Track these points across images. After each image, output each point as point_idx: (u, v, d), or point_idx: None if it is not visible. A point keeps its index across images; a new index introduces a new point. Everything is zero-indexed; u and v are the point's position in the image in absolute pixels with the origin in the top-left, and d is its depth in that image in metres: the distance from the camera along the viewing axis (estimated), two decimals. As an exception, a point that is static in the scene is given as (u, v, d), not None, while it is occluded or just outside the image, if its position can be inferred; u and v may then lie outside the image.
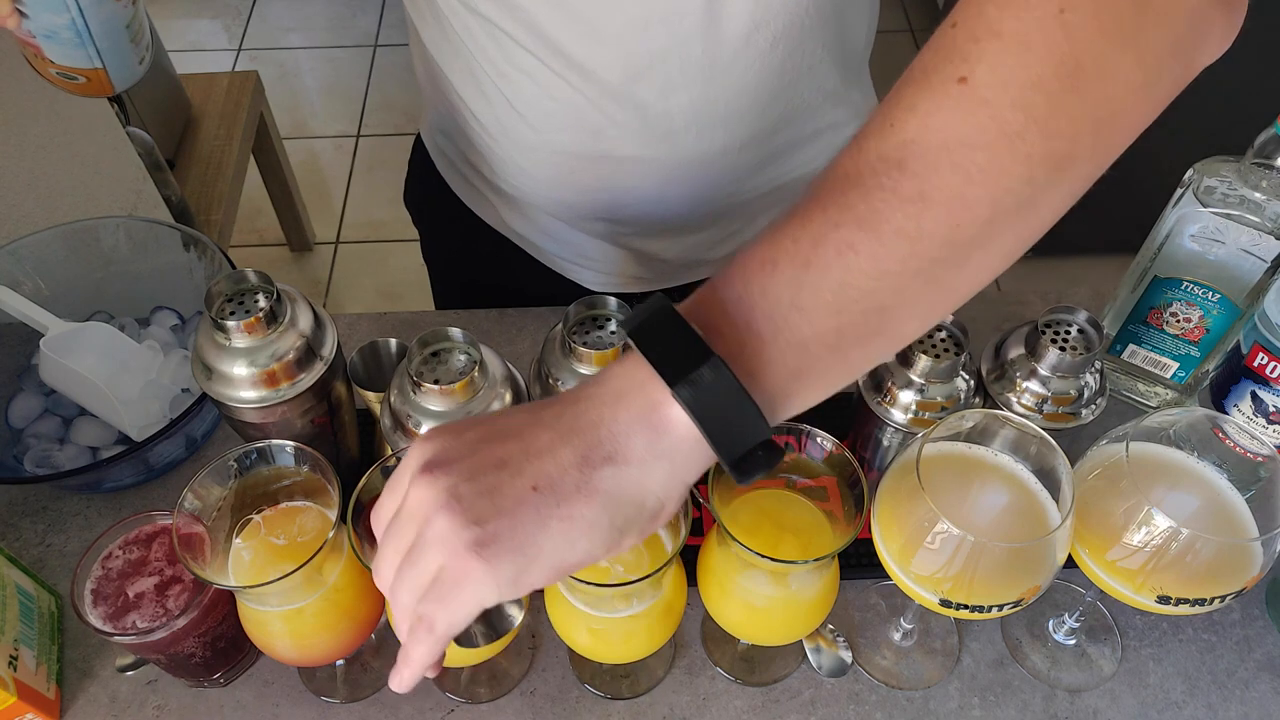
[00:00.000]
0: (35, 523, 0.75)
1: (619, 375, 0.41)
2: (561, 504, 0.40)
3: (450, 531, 0.40)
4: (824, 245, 0.40)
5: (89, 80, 0.63)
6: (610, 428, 0.40)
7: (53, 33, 0.58)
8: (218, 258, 0.80)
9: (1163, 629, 0.69)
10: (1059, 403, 0.64)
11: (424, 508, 0.41)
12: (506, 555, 0.40)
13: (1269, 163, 0.64)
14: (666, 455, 0.41)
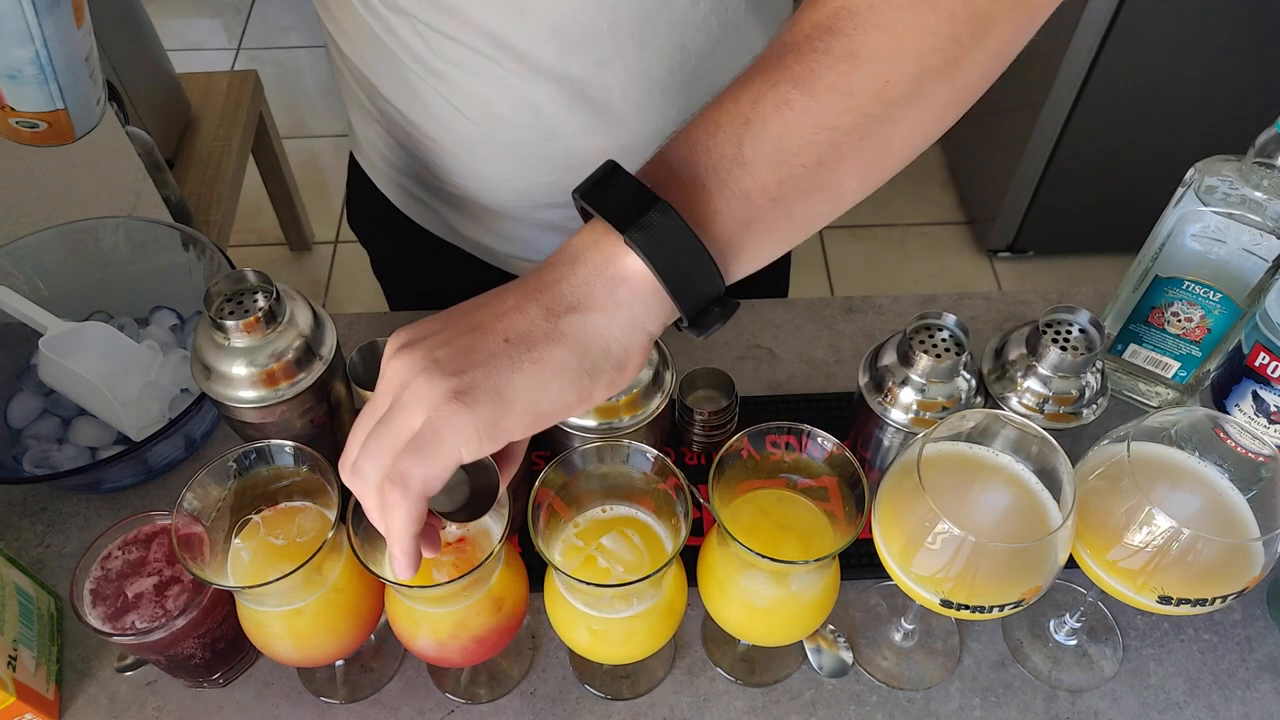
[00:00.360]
0: (34, 523, 0.75)
1: (576, 239, 0.44)
2: (532, 349, 0.42)
3: (428, 387, 0.42)
4: (762, 103, 0.44)
5: (50, 125, 0.61)
6: (571, 281, 0.43)
7: (16, 71, 0.56)
8: (217, 257, 0.79)
9: (1164, 629, 0.69)
10: (1060, 402, 0.64)
11: (400, 375, 0.43)
12: (484, 399, 0.42)
13: (1270, 162, 0.64)
14: (626, 302, 0.43)
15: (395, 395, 0.43)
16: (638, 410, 0.61)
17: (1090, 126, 1.78)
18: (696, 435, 0.76)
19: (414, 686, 0.67)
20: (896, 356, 0.65)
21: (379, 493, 0.44)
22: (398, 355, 0.44)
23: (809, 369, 0.84)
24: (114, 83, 1.48)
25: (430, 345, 0.43)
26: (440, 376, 0.42)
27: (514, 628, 0.59)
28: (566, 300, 0.43)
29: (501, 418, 0.42)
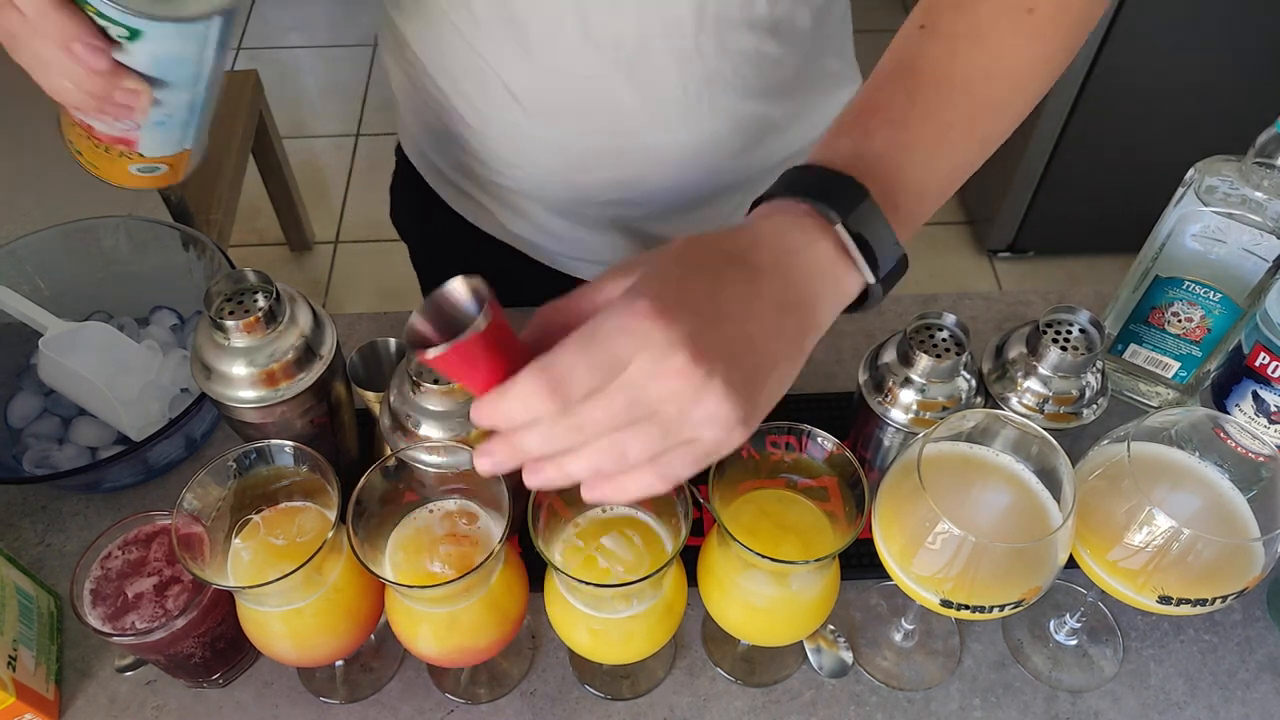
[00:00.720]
0: (34, 523, 0.75)
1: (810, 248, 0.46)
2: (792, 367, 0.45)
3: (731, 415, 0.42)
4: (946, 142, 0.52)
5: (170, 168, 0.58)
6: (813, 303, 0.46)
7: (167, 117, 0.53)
8: (217, 257, 0.79)
9: (1164, 629, 0.69)
10: (1060, 403, 0.64)
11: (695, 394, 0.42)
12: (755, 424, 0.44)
13: (1270, 162, 0.64)
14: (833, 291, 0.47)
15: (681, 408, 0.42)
16: (638, 410, 0.61)
17: (1090, 126, 1.78)
18: (696, 435, 0.76)
19: (414, 686, 0.67)
20: (896, 356, 0.64)
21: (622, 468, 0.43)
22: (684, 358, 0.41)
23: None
24: (114, 83, 1.48)
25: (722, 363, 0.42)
26: (739, 406, 0.42)
27: (514, 628, 0.59)
28: (812, 320, 0.46)
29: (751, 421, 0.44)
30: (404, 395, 0.60)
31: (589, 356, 0.41)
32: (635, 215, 0.81)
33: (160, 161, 0.57)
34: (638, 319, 0.41)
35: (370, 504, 0.55)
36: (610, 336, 0.41)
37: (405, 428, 0.60)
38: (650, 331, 0.41)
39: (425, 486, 0.59)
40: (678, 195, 0.78)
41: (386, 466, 0.55)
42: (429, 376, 0.59)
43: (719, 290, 0.44)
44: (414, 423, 0.59)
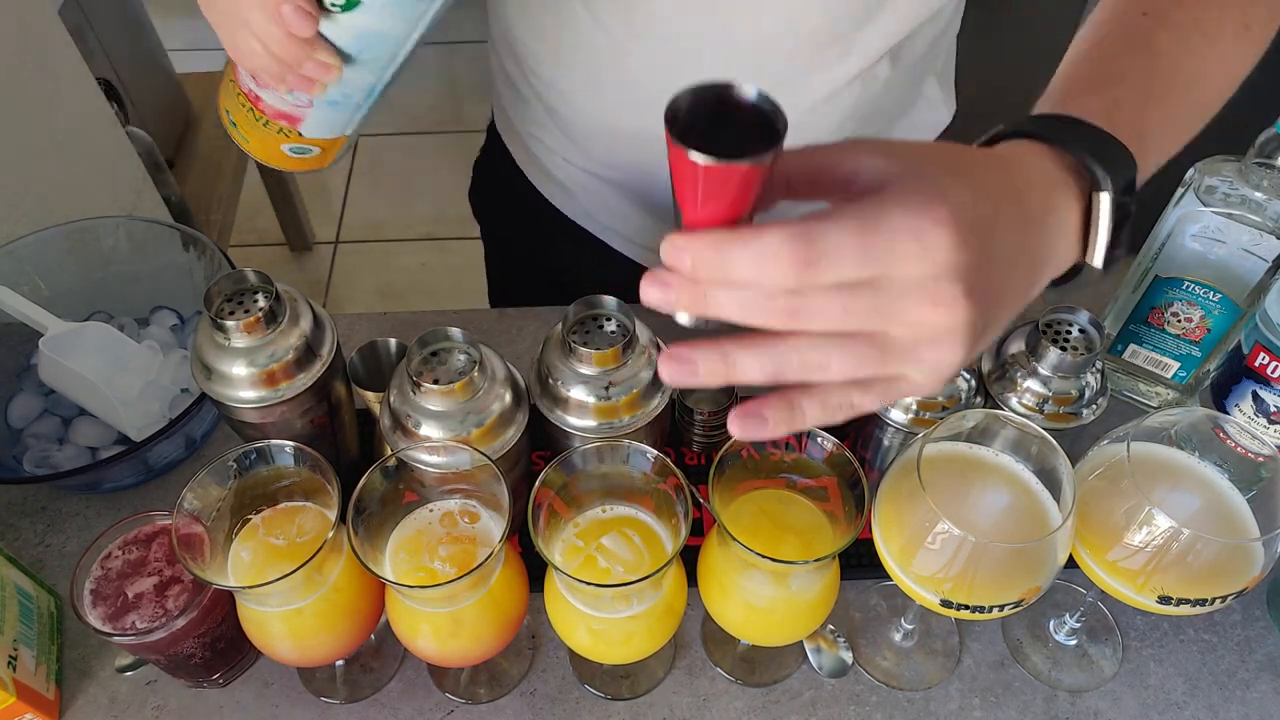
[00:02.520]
0: (35, 523, 0.75)
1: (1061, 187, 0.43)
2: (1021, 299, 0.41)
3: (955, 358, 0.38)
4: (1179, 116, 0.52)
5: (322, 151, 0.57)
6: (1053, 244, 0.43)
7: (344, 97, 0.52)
8: (217, 257, 0.79)
9: (1164, 629, 0.69)
10: (1060, 403, 0.64)
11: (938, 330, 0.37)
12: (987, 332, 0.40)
13: (1270, 162, 0.64)
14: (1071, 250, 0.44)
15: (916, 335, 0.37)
16: (638, 410, 0.61)
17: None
18: (696, 435, 0.76)
19: (414, 686, 0.67)
20: None
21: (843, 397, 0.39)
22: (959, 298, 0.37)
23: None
24: (114, 83, 1.48)
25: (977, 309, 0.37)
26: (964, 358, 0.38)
27: (514, 628, 0.59)
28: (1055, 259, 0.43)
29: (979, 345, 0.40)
30: (404, 395, 0.60)
31: (865, 241, 0.35)
32: None
33: (316, 144, 0.56)
34: (934, 225, 0.36)
35: (370, 504, 0.55)
36: (896, 232, 0.36)
37: (405, 428, 0.60)
38: (941, 246, 0.36)
39: (425, 486, 0.59)
40: None
41: (386, 466, 0.55)
42: (429, 376, 0.59)
43: (997, 230, 0.39)
44: (414, 423, 0.59)
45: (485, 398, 0.60)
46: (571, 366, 0.60)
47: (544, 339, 0.64)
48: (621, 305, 0.62)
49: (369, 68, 0.51)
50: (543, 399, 0.62)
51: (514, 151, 0.90)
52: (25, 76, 1.08)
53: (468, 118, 2.57)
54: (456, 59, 2.73)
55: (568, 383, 0.61)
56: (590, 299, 0.62)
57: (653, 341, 0.63)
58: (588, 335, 0.62)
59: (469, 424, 0.59)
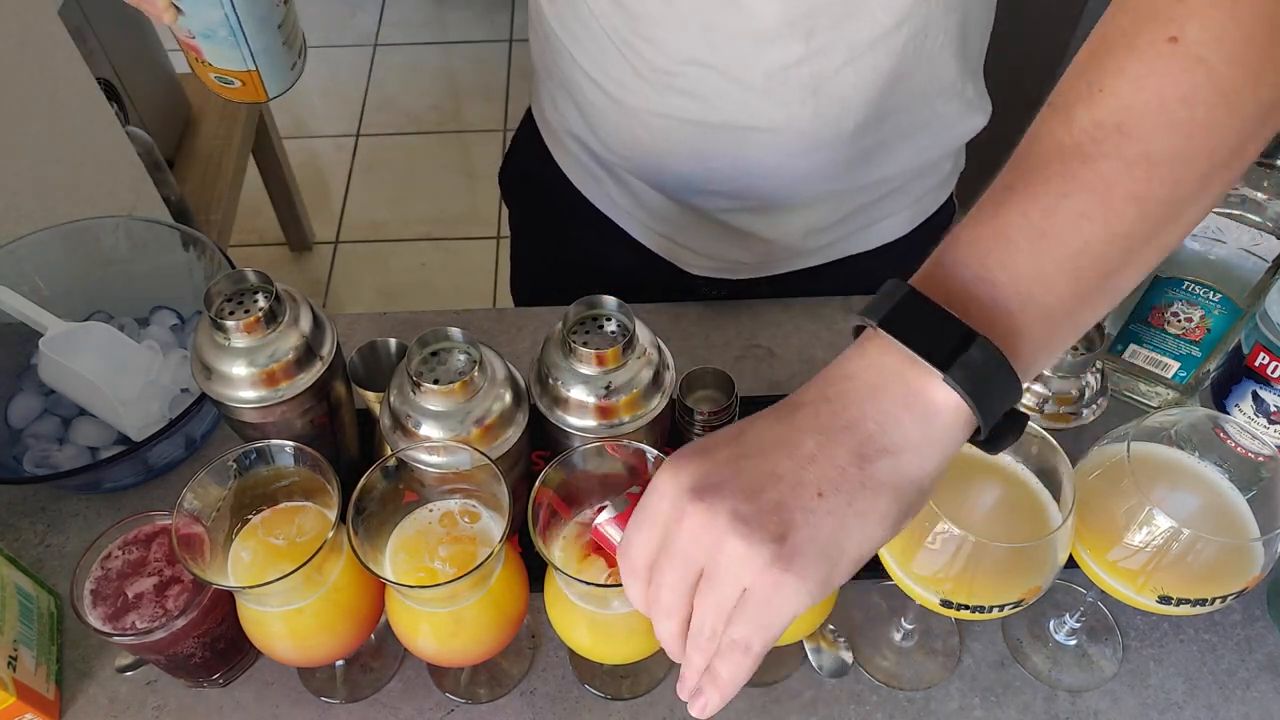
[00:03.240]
0: (35, 523, 0.75)
1: (868, 368, 0.42)
2: (853, 503, 0.40)
3: (749, 552, 0.39)
4: (1056, 215, 0.42)
5: (244, 84, 0.63)
6: (877, 420, 0.41)
7: (210, 31, 0.58)
8: (217, 257, 0.79)
9: (1164, 629, 0.69)
10: (1060, 402, 0.64)
11: (709, 535, 0.40)
12: (813, 564, 0.40)
13: (1270, 162, 0.64)
14: (939, 439, 0.41)
15: (709, 557, 0.41)
16: (638, 410, 0.61)
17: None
18: (696, 435, 0.76)
19: (414, 686, 0.67)
20: None
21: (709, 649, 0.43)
22: (696, 504, 0.41)
23: (809, 369, 0.84)
24: (114, 83, 1.48)
25: (733, 497, 0.40)
26: (760, 541, 0.39)
27: (514, 628, 0.59)
28: (876, 443, 0.40)
29: (831, 575, 0.40)
30: (404, 395, 0.60)
31: (635, 521, 0.43)
32: (720, 207, 0.82)
33: (230, 75, 0.62)
34: (659, 476, 0.42)
35: (370, 504, 0.55)
36: (645, 500, 0.43)
37: (405, 428, 0.60)
38: (665, 482, 0.42)
39: (425, 486, 0.59)
40: (764, 196, 0.79)
41: (386, 466, 0.55)
42: (429, 376, 0.59)
43: (745, 431, 0.43)
44: (414, 423, 0.59)
45: (485, 398, 0.60)
46: (571, 366, 0.60)
47: (544, 339, 0.64)
48: (622, 305, 0.62)
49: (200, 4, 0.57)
50: (543, 399, 0.62)
51: (544, 135, 0.90)
52: (25, 76, 1.08)
53: (468, 118, 2.57)
54: (456, 59, 2.73)
55: (568, 383, 0.61)
56: (590, 299, 0.62)
57: (653, 342, 0.63)
58: (588, 335, 0.62)
59: (469, 424, 0.59)
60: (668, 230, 0.87)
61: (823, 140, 0.72)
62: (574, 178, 0.89)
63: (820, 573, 0.40)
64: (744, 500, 0.40)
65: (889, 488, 0.40)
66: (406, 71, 2.65)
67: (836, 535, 0.40)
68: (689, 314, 0.88)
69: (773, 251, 0.86)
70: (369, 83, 2.62)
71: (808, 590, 0.40)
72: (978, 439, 0.43)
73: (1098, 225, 0.41)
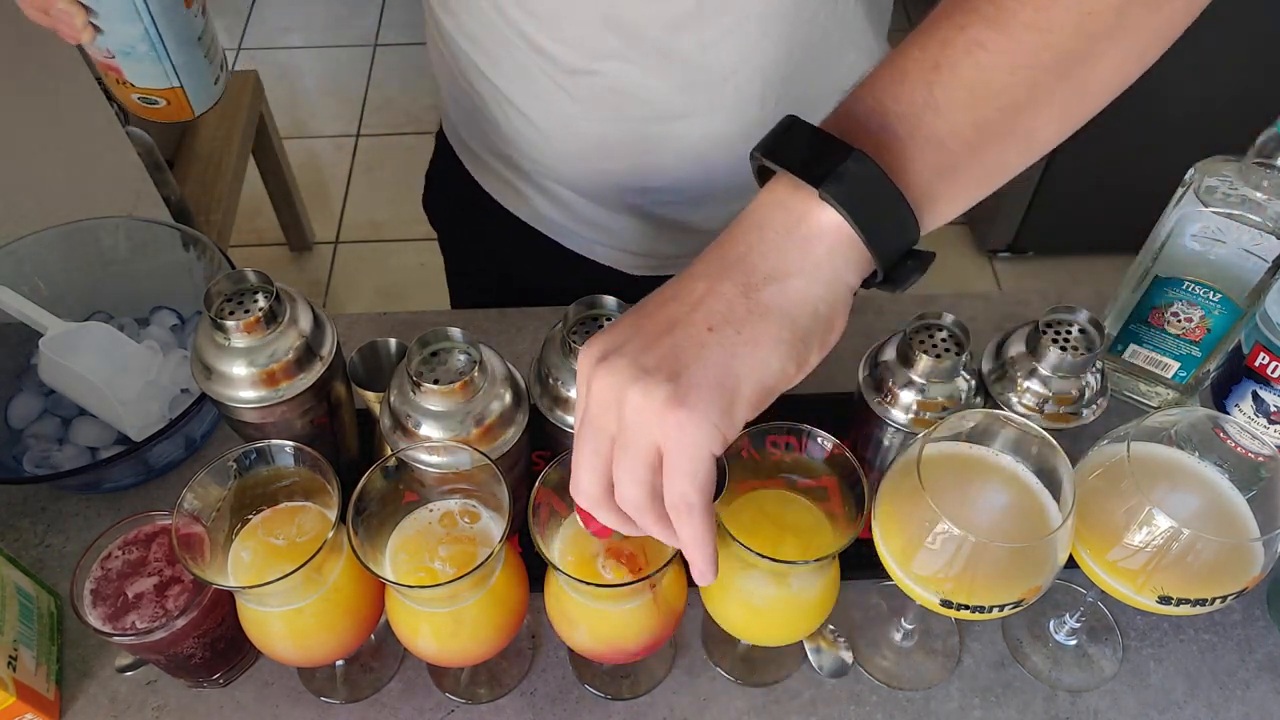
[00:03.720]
0: (35, 523, 0.75)
1: (755, 206, 0.42)
2: (741, 330, 0.40)
3: (647, 398, 0.40)
4: (951, 46, 0.41)
5: (169, 102, 0.62)
6: (760, 250, 0.41)
7: (129, 48, 0.58)
8: (217, 257, 0.79)
9: (1164, 629, 0.69)
10: (1060, 402, 0.64)
11: (611, 393, 0.41)
12: (709, 395, 0.40)
13: (1269, 162, 0.64)
14: (824, 260, 0.41)
15: (617, 416, 0.41)
16: (638, 410, 0.61)
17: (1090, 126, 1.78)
18: (696, 435, 0.76)
19: (414, 686, 0.67)
20: (896, 356, 0.65)
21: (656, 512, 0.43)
22: (599, 369, 0.42)
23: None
24: (114, 83, 1.48)
25: (632, 352, 0.41)
26: (655, 384, 0.40)
27: (514, 628, 0.59)
28: (760, 271, 0.41)
29: (732, 406, 0.41)
30: (404, 395, 0.60)
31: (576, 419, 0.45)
32: (657, 202, 0.81)
33: (153, 94, 0.61)
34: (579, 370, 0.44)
35: (370, 504, 0.55)
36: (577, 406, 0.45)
37: (405, 428, 0.60)
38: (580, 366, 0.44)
39: (425, 486, 0.59)
40: (700, 185, 0.78)
41: (386, 466, 0.55)
42: (429, 376, 0.59)
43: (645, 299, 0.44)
44: (414, 423, 0.59)
45: (485, 398, 0.60)
46: (571, 366, 0.60)
47: (544, 339, 0.64)
48: (621, 305, 0.62)
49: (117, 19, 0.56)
50: (543, 399, 0.62)
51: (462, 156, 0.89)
52: (25, 76, 1.08)
53: (468, 118, 2.57)
54: (456, 59, 2.73)
55: (568, 383, 0.61)
56: (591, 299, 0.62)
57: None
58: (588, 335, 0.62)
59: (469, 424, 0.59)
60: (605, 237, 0.85)
61: (750, 118, 0.71)
62: (500, 198, 0.87)
63: (719, 402, 0.40)
64: (642, 351, 0.41)
65: (776, 312, 0.41)
66: (406, 71, 2.65)
67: (730, 363, 0.40)
68: (689, 314, 0.87)
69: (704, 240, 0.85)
70: (369, 83, 2.62)
71: (710, 422, 0.40)
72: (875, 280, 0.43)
73: (994, 54, 0.41)
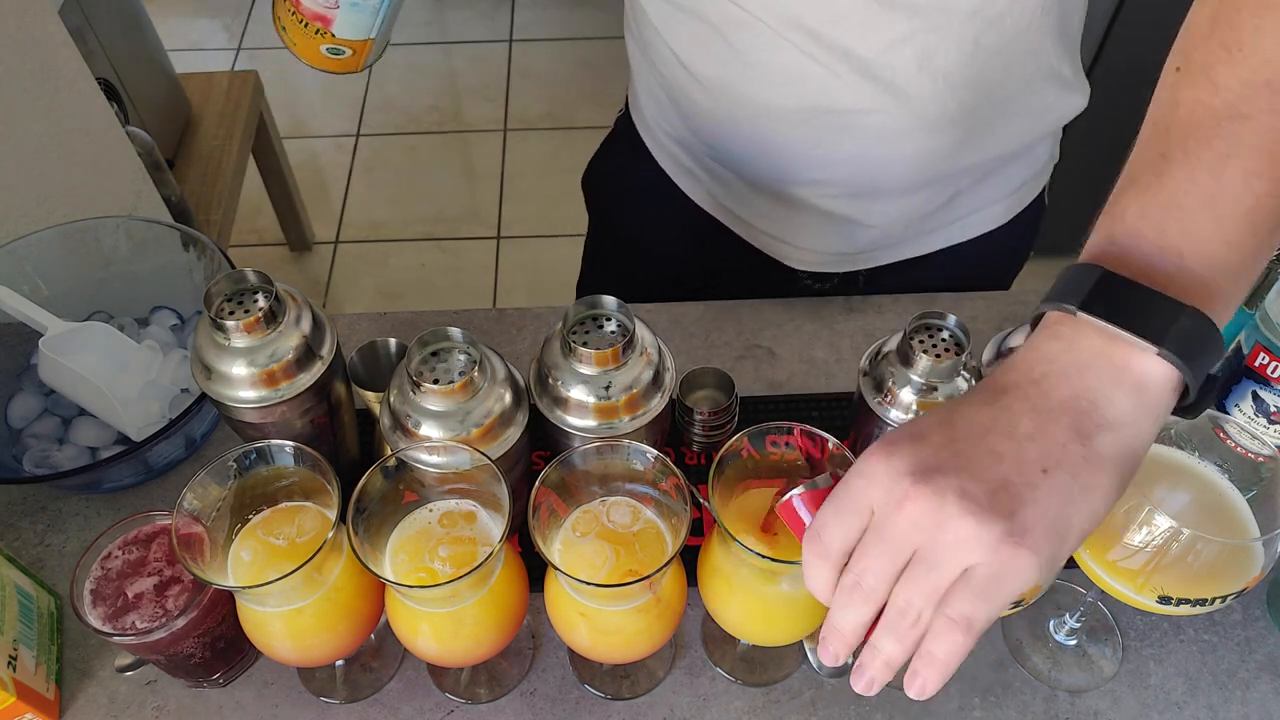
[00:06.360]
0: (35, 523, 0.75)
1: (1067, 350, 0.43)
2: (1077, 478, 0.40)
3: (979, 531, 0.39)
4: (1225, 177, 0.43)
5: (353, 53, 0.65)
6: (1089, 398, 0.41)
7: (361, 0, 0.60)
8: (217, 257, 0.79)
9: (1164, 629, 0.69)
10: (1060, 403, 0.64)
11: (933, 517, 0.40)
12: (1044, 538, 0.40)
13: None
14: (1152, 409, 0.42)
15: (930, 538, 0.41)
16: (638, 410, 0.61)
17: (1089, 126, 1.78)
18: (696, 435, 0.76)
19: (414, 686, 0.67)
20: (896, 356, 0.64)
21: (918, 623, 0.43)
22: (920, 489, 0.41)
23: (809, 369, 0.84)
24: (114, 83, 1.48)
25: (957, 479, 0.40)
26: (991, 520, 0.39)
27: (514, 628, 0.59)
28: (1093, 419, 0.41)
29: (1059, 550, 0.40)
30: (404, 395, 0.60)
31: (835, 506, 0.43)
32: (834, 193, 0.81)
33: (347, 44, 0.65)
34: (867, 461, 0.42)
35: (370, 504, 0.55)
36: (849, 484, 0.43)
37: (405, 428, 0.60)
38: (876, 467, 0.42)
39: (425, 486, 0.59)
40: (877, 178, 0.79)
41: (386, 466, 0.55)
42: (429, 376, 0.59)
43: (953, 416, 0.43)
44: (414, 423, 0.59)
45: (485, 398, 0.60)
46: (571, 366, 0.60)
47: (544, 339, 0.64)
48: (621, 305, 0.62)
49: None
50: (543, 399, 0.62)
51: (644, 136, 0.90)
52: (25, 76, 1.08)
53: (468, 118, 2.57)
54: (456, 59, 2.73)
55: (568, 383, 0.61)
56: (591, 299, 0.62)
57: (653, 342, 0.63)
58: (588, 335, 0.62)
59: (469, 424, 0.59)
60: (770, 226, 0.86)
61: (929, 119, 0.72)
62: (676, 178, 0.89)
63: (1050, 547, 0.40)
64: (970, 480, 0.40)
65: (1111, 461, 0.41)
66: (406, 71, 2.65)
67: (1065, 510, 0.40)
68: (689, 314, 0.88)
69: (875, 240, 0.86)
70: (369, 83, 2.62)
71: (1039, 565, 0.40)
72: (1182, 404, 0.43)
73: (1266, 180, 0.42)
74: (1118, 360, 0.42)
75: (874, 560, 0.42)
